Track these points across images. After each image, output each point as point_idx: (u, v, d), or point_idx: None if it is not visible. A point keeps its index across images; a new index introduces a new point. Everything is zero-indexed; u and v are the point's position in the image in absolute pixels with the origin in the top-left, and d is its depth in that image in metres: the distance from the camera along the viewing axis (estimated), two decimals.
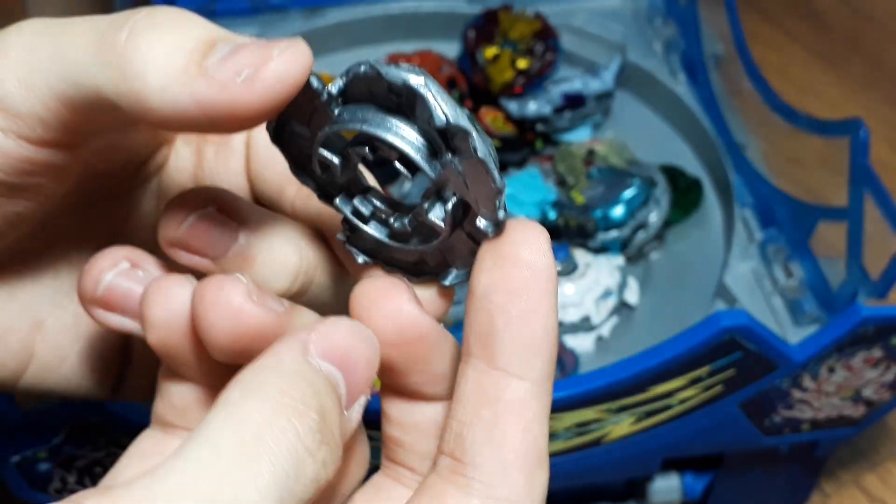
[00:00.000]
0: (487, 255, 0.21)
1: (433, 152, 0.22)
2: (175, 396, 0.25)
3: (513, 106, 0.60)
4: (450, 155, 0.21)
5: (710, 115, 0.59)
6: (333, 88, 0.22)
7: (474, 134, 0.21)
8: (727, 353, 0.38)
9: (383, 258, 0.24)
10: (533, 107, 0.59)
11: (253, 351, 0.21)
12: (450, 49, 0.64)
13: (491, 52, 0.61)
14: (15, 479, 0.40)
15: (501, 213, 0.21)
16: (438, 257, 0.24)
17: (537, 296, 0.21)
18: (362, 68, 0.21)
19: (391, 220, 0.24)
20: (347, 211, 0.24)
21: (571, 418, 0.40)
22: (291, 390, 0.20)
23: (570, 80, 0.60)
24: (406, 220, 0.23)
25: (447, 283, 0.24)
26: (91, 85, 0.21)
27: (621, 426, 0.41)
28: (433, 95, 0.21)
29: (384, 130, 0.21)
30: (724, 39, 0.58)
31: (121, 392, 0.29)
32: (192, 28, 0.20)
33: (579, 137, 0.61)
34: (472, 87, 0.62)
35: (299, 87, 0.20)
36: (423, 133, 0.21)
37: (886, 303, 0.43)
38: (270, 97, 0.20)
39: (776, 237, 0.52)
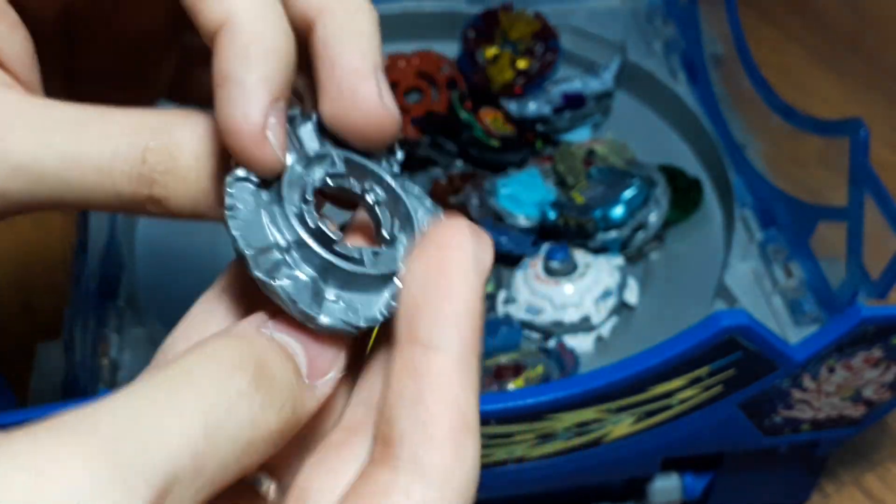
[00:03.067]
0: (416, 249, 0.22)
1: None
2: None
3: (513, 106, 0.60)
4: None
5: (710, 115, 0.59)
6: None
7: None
8: (727, 353, 0.38)
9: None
10: (533, 107, 0.59)
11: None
12: (450, 49, 0.64)
13: (491, 52, 0.61)
14: None
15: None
16: None
17: (459, 273, 0.22)
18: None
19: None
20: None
21: (571, 418, 0.40)
22: (230, 348, 0.21)
23: (569, 80, 0.60)
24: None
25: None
26: None
27: (621, 426, 0.41)
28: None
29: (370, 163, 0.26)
30: (724, 39, 0.58)
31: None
32: None
33: (579, 137, 0.61)
34: (472, 87, 0.62)
35: None
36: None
37: (886, 303, 0.43)
38: None
39: (776, 237, 0.52)
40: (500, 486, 0.43)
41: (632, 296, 0.53)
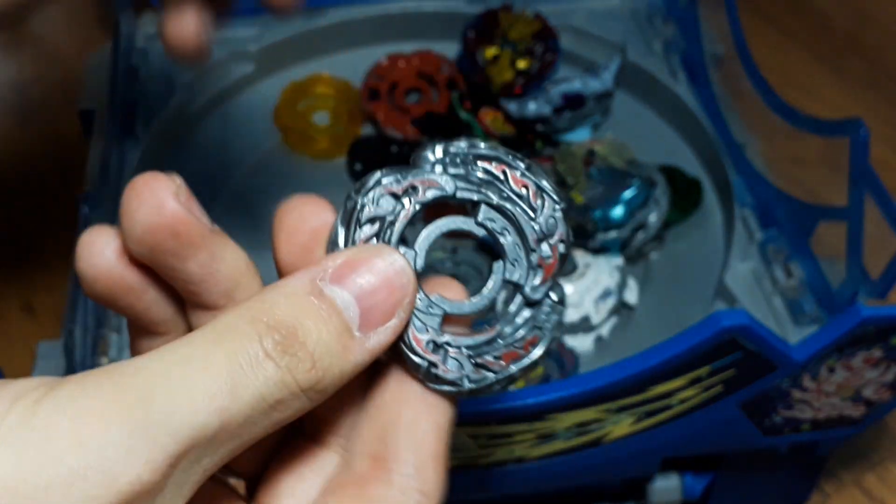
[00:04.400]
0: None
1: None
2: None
3: (513, 106, 0.60)
4: None
5: (710, 115, 0.59)
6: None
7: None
8: (727, 353, 0.38)
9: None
10: (533, 107, 0.59)
11: (166, 248, 0.23)
12: (450, 49, 0.64)
13: (491, 52, 0.61)
14: None
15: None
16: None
17: None
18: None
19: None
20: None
21: (571, 418, 0.40)
22: (271, 307, 0.22)
23: (569, 81, 0.60)
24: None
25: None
26: None
27: (621, 426, 0.41)
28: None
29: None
30: (724, 39, 0.58)
31: None
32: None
33: (579, 137, 0.61)
34: (471, 87, 0.62)
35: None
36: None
37: (886, 303, 0.43)
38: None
39: (776, 237, 0.52)
40: (500, 486, 0.43)
41: (632, 296, 0.53)
